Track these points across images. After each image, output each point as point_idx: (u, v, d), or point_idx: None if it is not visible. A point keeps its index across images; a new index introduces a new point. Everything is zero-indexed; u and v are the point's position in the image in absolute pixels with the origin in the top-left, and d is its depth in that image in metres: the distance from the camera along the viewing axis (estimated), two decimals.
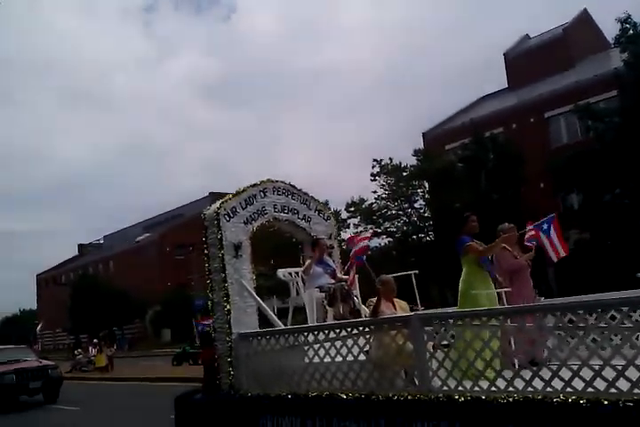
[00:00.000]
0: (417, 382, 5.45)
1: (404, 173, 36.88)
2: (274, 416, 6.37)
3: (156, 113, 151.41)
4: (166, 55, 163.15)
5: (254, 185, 8.13)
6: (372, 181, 37.57)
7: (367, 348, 5.84)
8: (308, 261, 8.18)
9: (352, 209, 41.51)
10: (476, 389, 4.94)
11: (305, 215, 8.68)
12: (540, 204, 29.74)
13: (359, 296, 8.09)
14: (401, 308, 6.35)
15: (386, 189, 37.53)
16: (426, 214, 37.05)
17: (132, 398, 17.49)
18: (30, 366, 17.12)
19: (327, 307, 7.71)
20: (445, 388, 5.14)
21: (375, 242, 40.66)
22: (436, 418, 4.98)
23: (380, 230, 39.27)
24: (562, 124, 33.91)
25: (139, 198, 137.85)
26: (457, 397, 4.93)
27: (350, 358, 5.89)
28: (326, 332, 6.20)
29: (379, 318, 5.92)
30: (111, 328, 53.66)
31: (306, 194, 8.77)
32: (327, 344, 6.12)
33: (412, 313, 5.52)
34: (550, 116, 34.07)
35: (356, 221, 41.05)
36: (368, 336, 5.82)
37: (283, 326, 7.41)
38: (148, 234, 68.69)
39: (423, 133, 39.79)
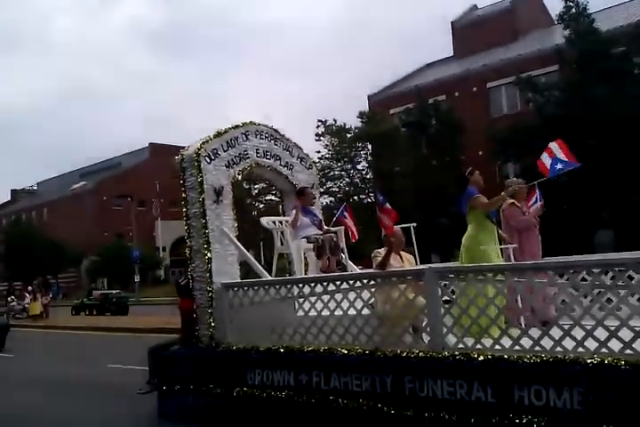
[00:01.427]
0: (426, 339, 5.11)
1: (349, 135, 36.47)
2: (263, 370, 5.96)
3: (98, 59, 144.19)
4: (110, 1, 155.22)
5: (236, 127, 7.48)
6: (316, 141, 37.04)
7: (371, 302, 5.43)
8: (293, 211, 7.62)
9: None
10: (497, 347, 4.62)
11: (287, 162, 8.10)
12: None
13: (345, 250, 7.66)
14: (408, 261, 5.93)
15: (329, 150, 37.12)
16: (368, 176, 36.90)
17: (67, 346, 16.88)
18: None
19: (315, 258, 7.24)
20: (461, 345, 4.79)
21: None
22: (451, 377, 4.64)
23: (322, 190, 38.95)
24: (503, 94, 33.97)
25: (75, 145, 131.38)
26: (475, 355, 4.60)
27: (352, 312, 5.47)
28: (325, 284, 5.73)
29: (387, 270, 5.48)
30: (45, 276, 51.69)
31: (288, 140, 8.14)
32: (326, 297, 5.66)
33: (426, 266, 5.10)
34: (492, 87, 34.07)
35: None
36: (373, 289, 5.39)
37: (270, 277, 6.91)
38: (84, 182, 65.90)
39: (368, 96, 39.19)
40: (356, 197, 36.96)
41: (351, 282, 5.58)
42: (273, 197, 45.64)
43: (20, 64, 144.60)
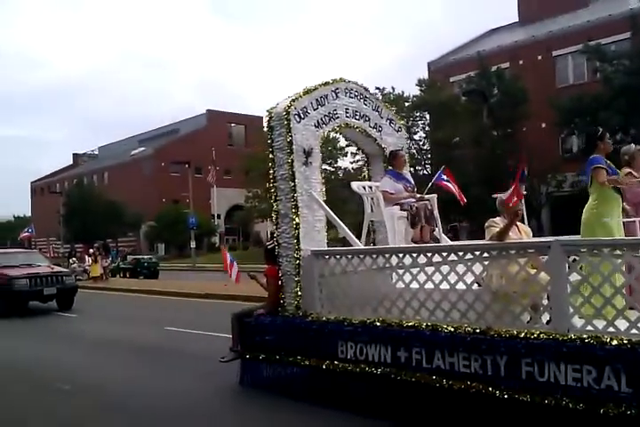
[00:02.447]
0: (545, 320, 4.63)
1: (407, 104, 35.39)
2: (357, 344, 5.55)
3: (157, 22, 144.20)
4: None
5: (326, 84, 6.89)
6: None
7: (483, 276, 4.95)
8: (386, 176, 7.11)
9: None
10: (634, 331, 4.11)
11: (376, 124, 7.52)
12: (540, 144, 28.84)
13: (439, 220, 7.18)
14: (525, 233, 5.39)
15: None
16: (425, 147, 35.90)
17: (125, 307, 17.23)
18: (44, 271, 15.90)
19: (404, 227, 6.76)
20: (589, 328, 4.30)
21: None
22: (578, 362, 4.15)
23: None
24: (569, 63, 32.41)
25: (134, 110, 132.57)
26: (607, 339, 4.10)
27: (461, 286, 4.99)
28: (429, 255, 5.26)
29: (505, 242, 4.95)
30: (105, 240, 52.74)
31: (378, 99, 7.59)
32: (429, 269, 5.19)
33: (553, 239, 4.58)
34: (558, 55, 32.51)
35: (353, 149, 39.89)
36: (487, 263, 4.90)
37: (361, 245, 6.48)
38: (142, 148, 66.45)
39: (428, 63, 38.00)
40: (412, 169, 36.09)
41: (461, 254, 5.10)
42: (328, 167, 45.27)
43: (82, 21, 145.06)
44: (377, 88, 36.05)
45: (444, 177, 7.76)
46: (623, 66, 26.05)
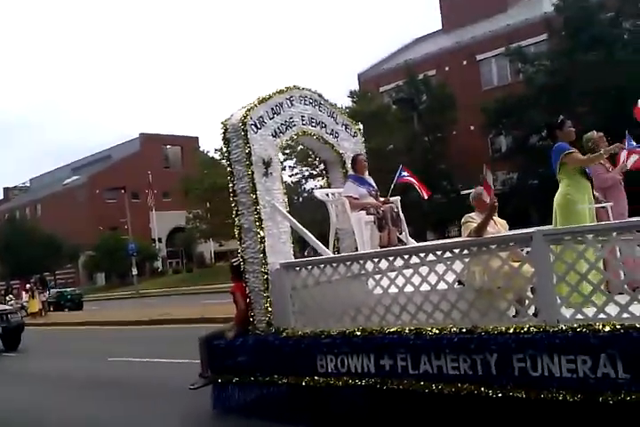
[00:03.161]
0: (531, 313, 4.50)
1: None
2: (337, 357, 5.26)
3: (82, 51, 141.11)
4: None
5: (280, 91, 6.66)
6: None
7: (464, 274, 4.78)
8: (349, 181, 6.89)
9: (287, 151, 40.16)
10: (625, 315, 4.01)
11: (332, 130, 7.29)
12: (470, 146, 29.49)
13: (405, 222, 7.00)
14: (502, 226, 5.25)
15: None
16: None
17: (69, 342, 16.53)
18: None
19: (376, 232, 6.55)
20: (579, 316, 4.17)
21: (311, 184, 39.76)
22: (571, 352, 4.02)
23: (315, 173, 38.31)
24: (493, 66, 33.39)
25: (64, 139, 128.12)
26: (600, 326, 3.98)
27: (442, 286, 4.81)
28: (406, 257, 5.06)
29: (485, 237, 4.79)
30: (42, 273, 50.66)
31: (332, 105, 7.35)
32: (408, 271, 4.99)
33: (534, 229, 4.45)
34: (482, 59, 33.45)
35: (291, 163, 39.86)
36: (467, 260, 4.73)
37: (332, 254, 6.25)
38: (76, 177, 64.45)
39: (358, 75, 38.41)
40: None
41: (439, 253, 4.89)
42: None
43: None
44: None
45: (405, 173, 7.62)
46: (543, 66, 26.97)
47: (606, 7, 24.91)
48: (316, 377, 5.42)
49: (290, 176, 40.65)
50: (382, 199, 7.05)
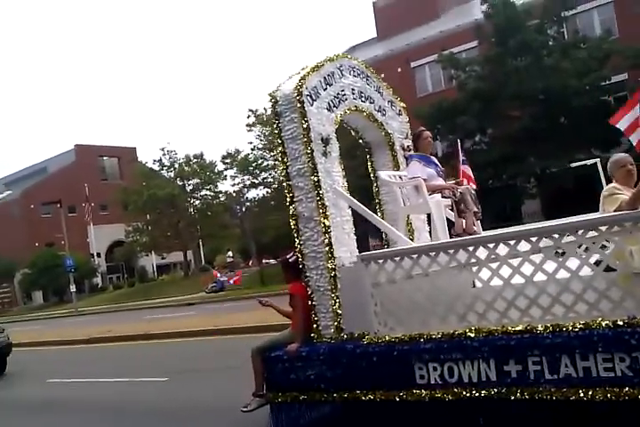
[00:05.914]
0: None
1: None
2: (442, 364, 4.46)
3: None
4: None
5: (330, 59, 5.81)
6: (247, 131, 36.42)
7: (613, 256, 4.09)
8: (413, 160, 6.06)
9: (227, 161, 40.19)
10: None
11: (380, 106, 6.43)
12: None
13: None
14: None
15: (261, 140, 36.53)
16: None
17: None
18: None
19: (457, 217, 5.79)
20: None
21: (253, 193, 39.74)
22: None
23: (257, 181, 38.38)
24: (427, 73, 34.20)
25: None
26: None
27: (587, 271, 4.06)
28: (534, 240, 4.27)
29: None
30: None
31: (378, 79, 6.48)
32: (537, 256, 4.23)
33: None
34: (416, 66, 34.23)
35: (232, 172, 39.88)
36: (617, 238, 4.04)
37: (412, 243, 5.50)
38: (9, 192, 62.67)
39: None
40: None
41: (580, 232, 4.10)
42: (208, 192, 44.75)
43: None
44: (250, 110, 36.45)
45: (464, 158, 7.11)
46: (474, 72, 27.76)
47: (532, 14, 25.90)
48: (414, 390, 4.63)
49: (232, 186, 40.75)
50: (453, 181, 6.40)
